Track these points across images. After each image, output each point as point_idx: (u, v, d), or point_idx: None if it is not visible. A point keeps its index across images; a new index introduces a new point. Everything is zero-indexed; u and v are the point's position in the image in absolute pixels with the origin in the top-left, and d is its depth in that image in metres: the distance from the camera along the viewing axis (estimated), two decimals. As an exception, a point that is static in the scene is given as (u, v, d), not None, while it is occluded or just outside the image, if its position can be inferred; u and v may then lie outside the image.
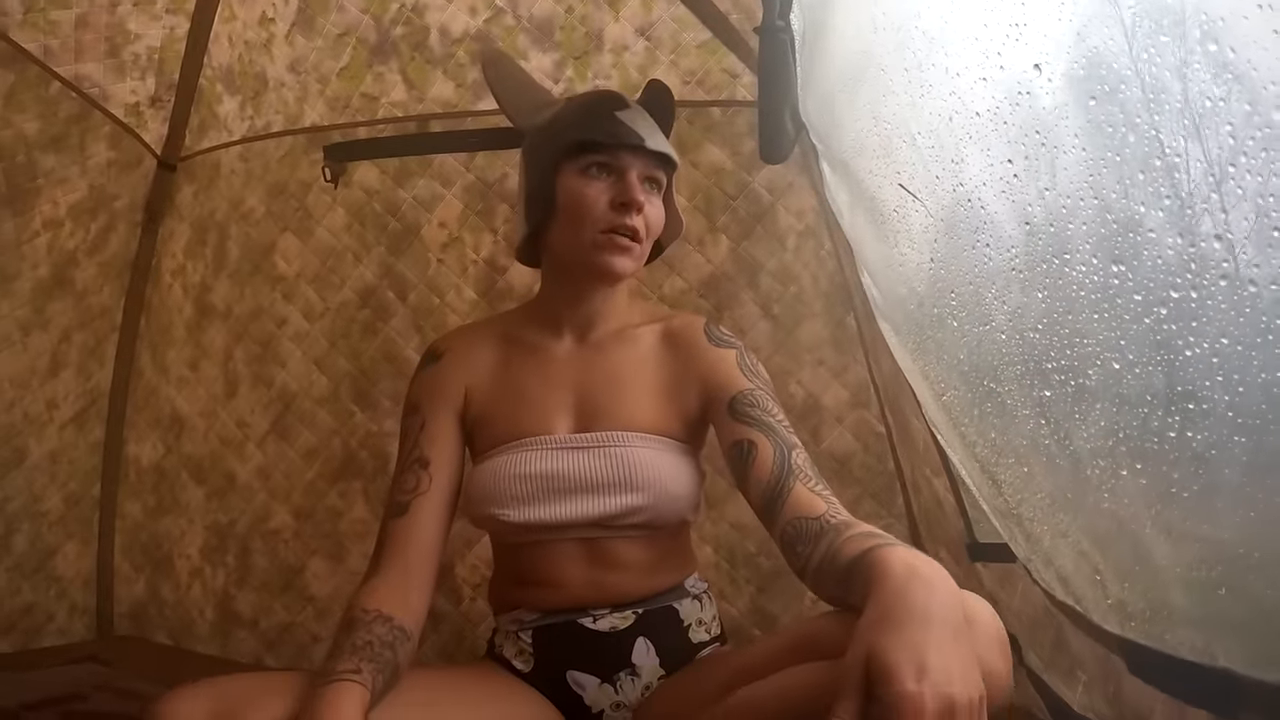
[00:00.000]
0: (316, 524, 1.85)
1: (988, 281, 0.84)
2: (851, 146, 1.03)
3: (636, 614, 1.09)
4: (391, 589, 1.01)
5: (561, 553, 1.09)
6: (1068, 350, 0.80)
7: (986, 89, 0.76)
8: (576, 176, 1.10)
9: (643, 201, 1.09)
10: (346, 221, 1.82)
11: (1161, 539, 0.77)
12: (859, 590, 0.77)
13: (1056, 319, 0.79)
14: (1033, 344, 0.83)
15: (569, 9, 1.65)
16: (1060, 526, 0.94)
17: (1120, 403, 0.76)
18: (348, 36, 1.72)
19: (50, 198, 1.73)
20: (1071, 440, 0.84)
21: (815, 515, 0.95)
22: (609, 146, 1.09)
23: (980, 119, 0.78)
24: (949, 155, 0.82)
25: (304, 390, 1.85)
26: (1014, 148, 0.78)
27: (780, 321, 1.73)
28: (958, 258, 0.87)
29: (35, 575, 1.80)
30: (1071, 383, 0.81)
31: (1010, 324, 0.85)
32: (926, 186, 0.86)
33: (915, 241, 0.95)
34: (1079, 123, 0.73)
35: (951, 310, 0.91)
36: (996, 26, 0.69)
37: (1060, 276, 0.76)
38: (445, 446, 1.14)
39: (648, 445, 1.10)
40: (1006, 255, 0.80)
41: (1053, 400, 0.84)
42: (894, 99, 0.87)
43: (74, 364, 1.86)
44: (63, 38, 1.62)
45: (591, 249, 1.09)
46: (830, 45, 1.03)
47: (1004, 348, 0.87)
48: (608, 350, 1.16)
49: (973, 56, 0.78)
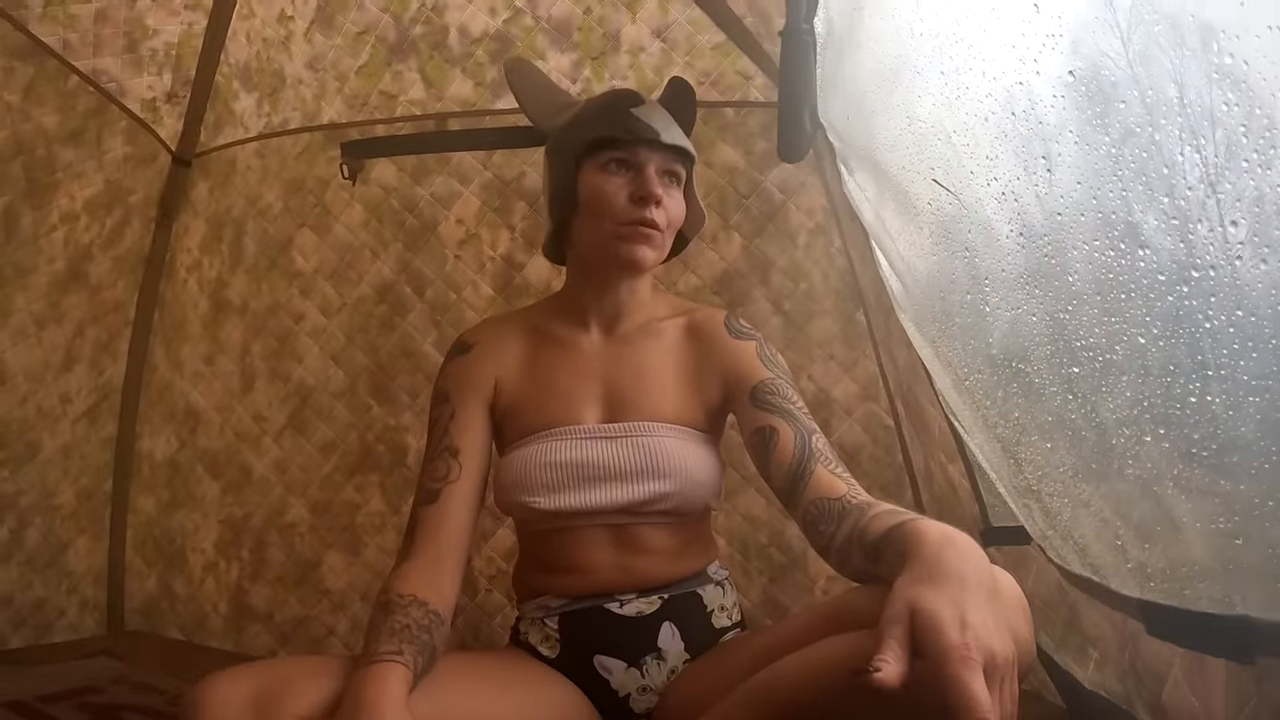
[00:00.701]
0: (333, 517, 1.86)
1: (1021, 269, 0.88)
2: (883, 144, 1.07)
3: (662, 599, 1.11)
4: (424, 574, 1.03)
5: (589, 539, 1.12)
6: (1096, 328, 0.84)
7: (1022, 91, 0.81)
8: (596, 173, 1.13)
9: (661, 194, 1.12)
10: (364, 218, 1.84)
11: (1182, 497, 0.82)
12: (891, 560, 0.79)
13: (1086, 300, 0.84)
14: (1063, 324, 0.87)
15: (587, 10, 1.69)
16: (1082, 497, 0.98)
17: (1145, 374, 0.81)
18: (367, 35, 1.75)
19: (68, 192, 1.74)
20: (1098, 412, 0.89)
21: (837, 496, 0.99)
22: (626, 142, 1.12)
23: (1015, 119, 0.83)
24: (984, 152, 0.86)
25: (321, 385, 1.86)
26: (1045, 146, 0.82)
27: (791, 317, 1.77)
28: (990, 247, 0.91)
29: (47, 570, 1.79)
30: (1100, 358, 0.85)
31: (1041, 307, 0.89)
32: (960, 181, 0.91)
33: (947, 233, 0.99)
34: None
35: (984, 297, 0.95)
36: (1034, 35, 0.73)
37: (1090, 261, 0.81)
38: (475, 435, 1.15)
39: (673, 434, 1.13)
40: (1039, 244, 0.84)
41: (1081, 376, 0.89)
42: (929, 99, 0.91)
43: (87, 358, 1.86)
44: (82, 31, 1.63)
45: (613, 240, 1.12)
46: (862, 49, 1.07)
47: (1034, 329, 0.91)
48: (634, 343, 1.20)
49: (1009, 62, 0.83)
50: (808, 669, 0.84)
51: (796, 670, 0.84)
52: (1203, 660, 0.87)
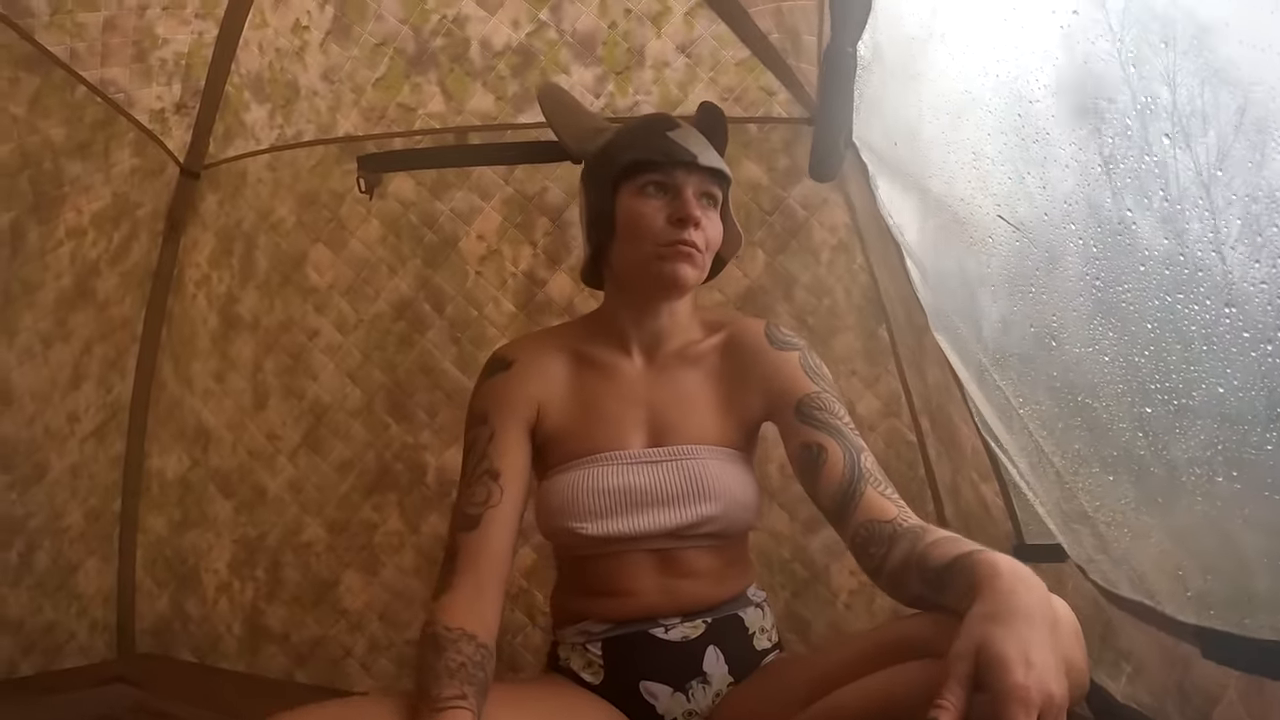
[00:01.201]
0: (350, 537, 1.83)
1: (1096, 308, 0.88)
2: (941, 174, 1.07)
3: (706, 623, 1.11)
4: (468, 604, 1.02)
5: (634, 563, 1.11)
6: (1173, 374, 0.85)
7: (1115, 145, 0.81)
8: (634, 196, 1.13)
9: (699, 216, 1.11)
10: (381, 233, 1.81)
11: (1250, 534, 0.83)
12: (959, 590, 0.79)
13: (1164, 348, 0.85)
14: (1138, 367, 0.88)
15: (612, 24, 1.67)
16: (1143, 528, 0.99)
17: (1221, 420, 0.82)
18: (385, 46, 1.71)
19: (75, 206, 1.69)
20: (1169, 450, 0.90)
21: (888, 519, 0.99)
22: (663, 165, 1.12)
23: (1098, 171, 0.83)
24: (1061, 197, 0.86)
25: (337, 403, 1.83)
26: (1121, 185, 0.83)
27: (815, 333, 1.77)
28: (1063, 287, 0.91)
29: (57, 593, 1.75)
30: (1174, 402, 0.86)
31: (1115, 348, 0.89)
32: (1032, 220, 0.91)
33: (1010, 268, 0.99)
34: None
35: (1052, 331, 0.96)
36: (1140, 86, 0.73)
37: (1172, 313, 0.81)
38: (515, 458, 1.13)
39: (716, 457, 1.13)
40: (1116, 291, 0.84)
41: (1154, 416, 0.90)
42: (1002, 139, 0.91)
43: (95, 376, 1.82)
44: (89, 41, 1.59)
45: (654, 261, 1.11)
46: (922, 79, 1.06)
47: (1106, 369, 0.91)
48: (674, 369, 1.19)
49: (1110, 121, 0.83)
50: (870, 699, 0.85)
51: (859, 700, 0.85)
52: (1261, 684, 0.88)
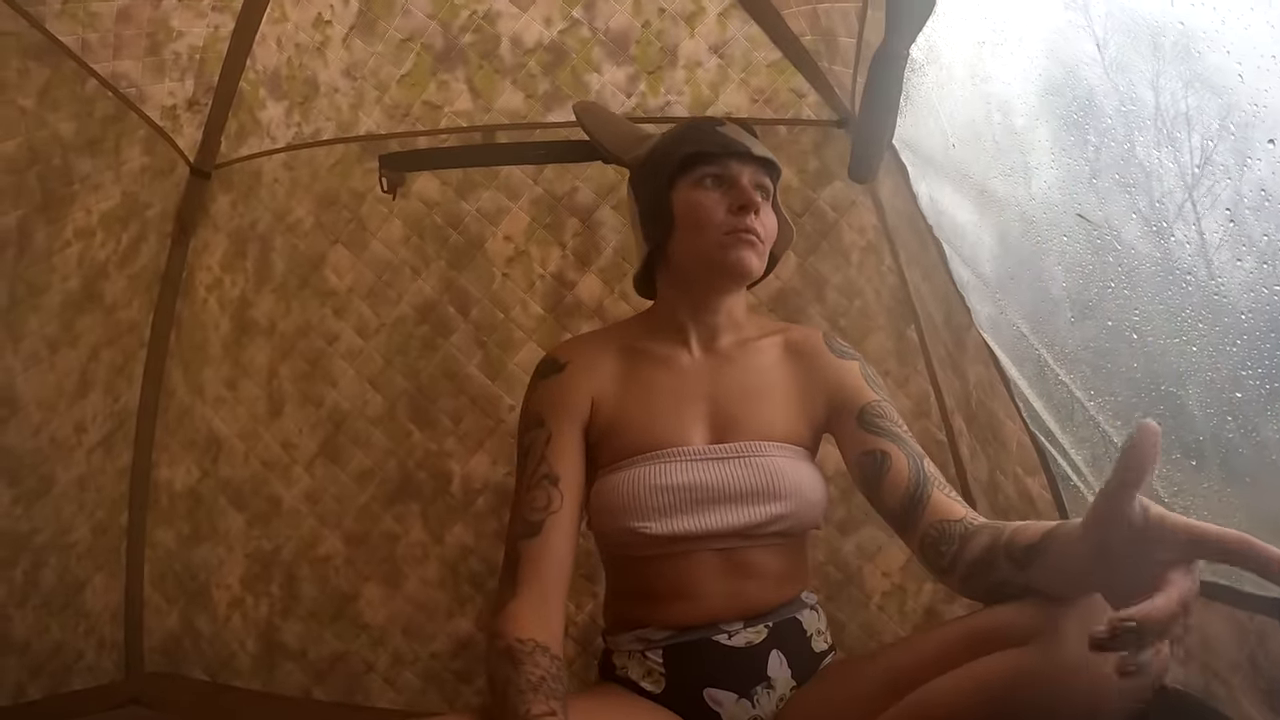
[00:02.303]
0: (371, 549, 1.77)
1: (1184, 300, 0.89)
2: (1012, 175, 1.08)
3: (768, 627, 1.09)
4: (535, 614, 0.99)
5: (698, 564, 1.09)
6: (1267, 360, 0.86)
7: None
8: (691, 189, 1.14)
9: (759, 202, 1.12)
10: (404, 234, 1.76)
11: None
12: (1061, 545, 0.79)
13: (1259, 335, 0.85)
14: (1229, 355, 0.89)
15: (646, 23, 1.65)
16: (1227, 510, 1.00)
17: None
18: (412, 42, 1.67)
19: (84, 205, 1.63)
20: (1260, 431, 0.91)
21: (957, 518, 1.00)
22: (719, 156, 1.13)
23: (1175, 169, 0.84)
24: (1147, 192, 0.87)
25: (357, 410, 1.78)
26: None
27: (847, 334, 1.75)
28: (1149, 281, 0.92)
29: (64, 612, 1.67)
30: (1267, 386, 0.87)
31: (1202, 337, 0.90)
32: (1118, 217, 0.91)
33: (1086, 264, 1.00)
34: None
35: (1134, 325, 0.96)
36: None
37: (1268, 303, 0.82)
38: (572, 461, 1.12)
39: (784, 453, 1.12)
40: (1212, 284, 0.85)
41: (1244, 400, 0.90)
42: (1073, 140, 0.91)
43: (102, 383, 1.74)
44: (102, 32, 1.53)
45: (718, 249, 1.12)
46: (991, 82, 1.07)
47: (1194, 358, 0.92)
48: (736, 360, 1.18)
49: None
50: (963, 692, 0.83)
51: (951, 694, 0.84)
52: None
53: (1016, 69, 1.12)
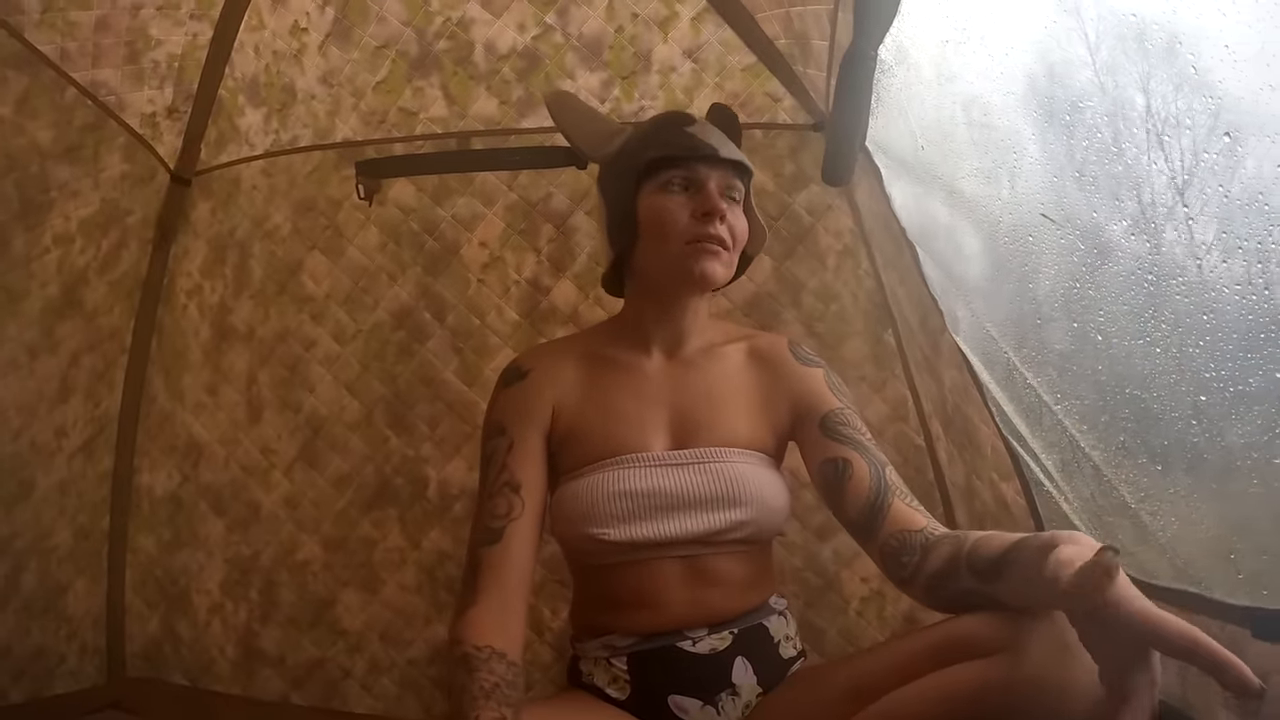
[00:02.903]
0: (348, 554, 1.78)
1: (1147, 302, 0.88)
2: (978, 176, 1.06)
3: (733, 634, 1.08)
4: (494, 620, 0.99)
5: (659, 572, 1.08)
6: (1228, 362, 0.85)
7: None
8: (656, 194, 1.11)
9: (724, 209, 1.09)
10: (380, 240, 1.77)
11: None
12: (1023, 565, 0.78)
13: (1221, 336, 0.84)
14: (1192, 357, 0.88)
15: (619, 29, 1.65)
16: (1194, 516, 0.99)
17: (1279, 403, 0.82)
18: (387, 49, 1.68)
19: (62, 212, 1.64)
20: (1225, 436, 0.90)
21: (918, 528, 0.99)
22: (684, 159, 1.10)
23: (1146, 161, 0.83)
24: (1107, 190, 0.86)
25: (334, 415, 1.78)
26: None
27: (824, 339, 1.75)
28: (1112, 282, 0.90)
29: (44, 616, 1.68)
30: (1231, 389, 0.86)
31: (1167, 339, 0.89)
32: (1081, 217, 0.90)
33: (1054, 264, 0.99)
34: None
35: (1098, 326, 0.95)
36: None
37: (1229, 303, 0.81)
38: (534, 468, 1.11)
39: (746, 460, 1.11)
40: (1174, 283, 0.83)
41: (1209, 404, 0.89)
42: (1044, 138, 0.90)
43: (83, 389, 1.75)
44: (81, 41, 1.54)
45: (681, 259, 1.09)
46: (956, 81, 1.06)
47: (1158, 360, 0.91)
48: (699, 366, 1.17)
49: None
50: (928, 701, 0.83)
51: (916, 704, 0.83)
52: None
53: (981, 67, 1.11)
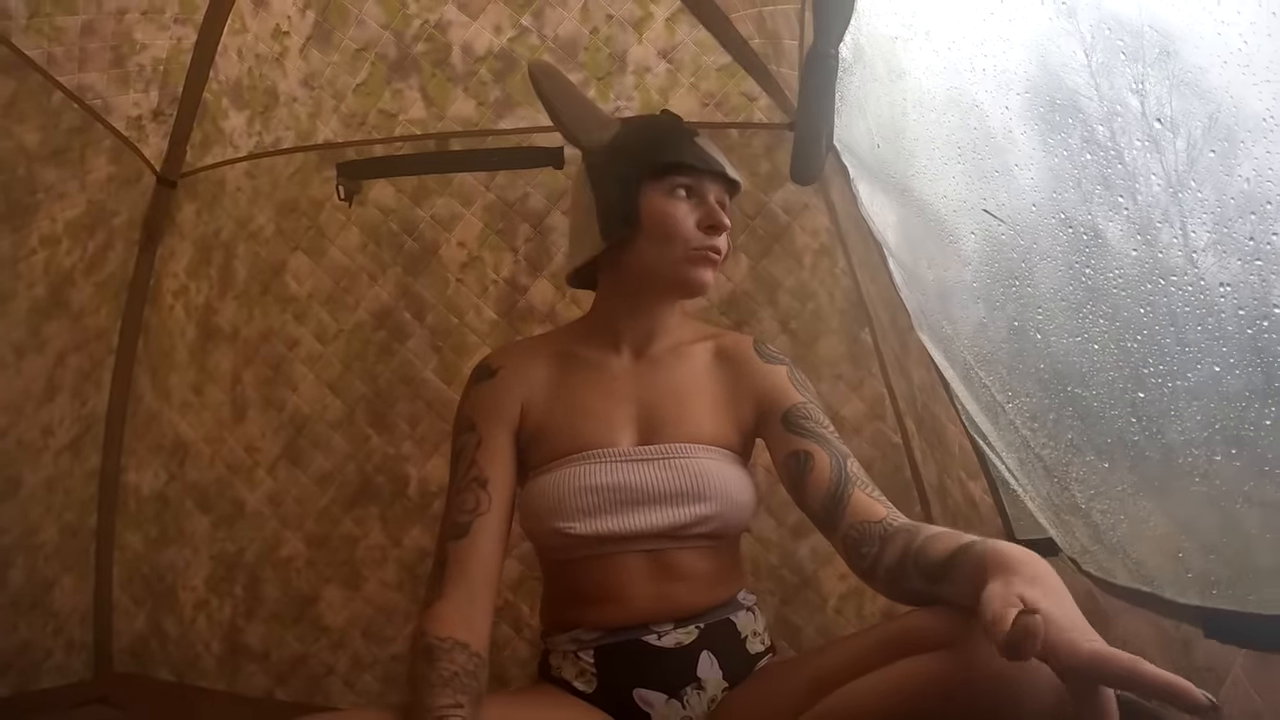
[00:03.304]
0: (331, 551, 1.80)
1: (1085, 296, 0.88)
2: (925, 173, 1.07)
3: (699, 628, 1.09)
4: (459, 613, 1.01)
5: (626, 566, 1.09)
6: (1167, 357, 0.85)
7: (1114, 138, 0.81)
8: (663, 197, 1.13)
9: (728, 224, 1.14)
10: (361, 241, 1.79)
11: (1252, 511, 0.83)
12: (963, 577, 0.80)
13: (1158, 331, 0.84)
14: (1130, 352, 0.88)
15: (594, 30, 1.66)
16: (1141, 514, 0.99)
17: (1219, 399, 0.82)
18: (366, 52, 1.70)
19: (49, 213, 1.66)
20: (1165, 434, 0.90)
21: (877, 519, 1.00)
22: (696, 170, 1.14)
23: (1093, 159, 0.83)
24: (1048, 186, 0.86)
25: (317, 414, 1.80)
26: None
27: (799, 337, 1.76)
28: (1050, 278, 0.91)
29: (32, 611, 1.71)
30: (1169, 384, 0.86)
31: (1106, 335, 0.89)
32: (1019, 214, 0.91)
33: (994, 261, 0.99)
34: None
35: (1037, 324, 0.96)
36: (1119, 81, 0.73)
37: (1163, 294, 0.81)
38: (502, 464, 1.13)
39: (711, 455, 1.12)
40: (1109, 276, 0.84)
41: (1148, 400, 0.90)
42: (987, 135, 0.91)
43: (69, 388, 1.78)
44: (67, 45, 1.56)
45: (683, 264, 1.13)
46: (905, 78, 1.07)
47: (1097, 357, 0.91)
48: (666, 364, 1.19)
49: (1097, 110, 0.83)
50: (882, 694, 0.83)
51: (870, 696, 0.84)
52: (1266, 659, 0.88)
53: (927, 63, 1.12)
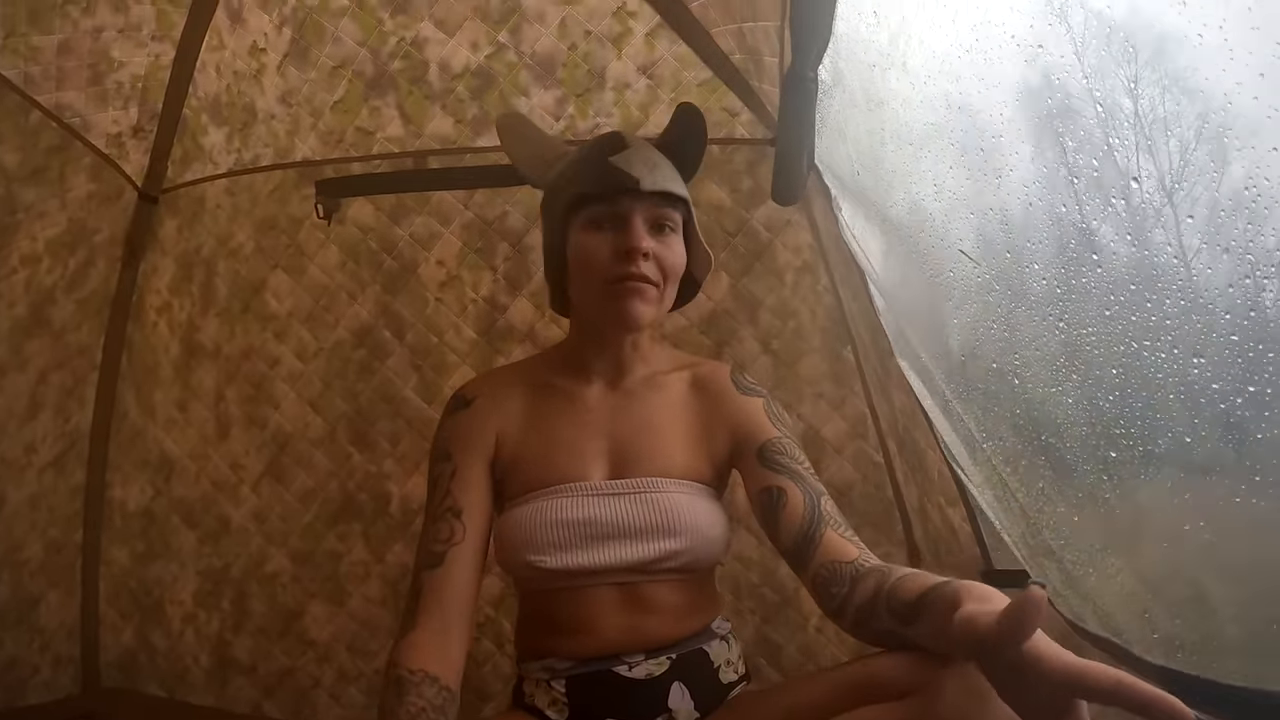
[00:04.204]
0: (315, 567, 1.81)
1: (1061, 350, 0.87)
2: (904, 205, 1.06)
3: (670, 659, 1.09)
4: (432, 644, 1.01)
5: (597, 598, 1.09)
6: (1139, 421, 0.84)
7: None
8: (581, 231, 1.10)
9: (645, 247, 1.07)
10: (340, 259, 1.78)
11: (1220, 582, 0.83)
12: (934, 615, 0.79)
13: (1130, 394, 0.84)
14: (1103, 411, 0.87)
15: (572, 46, 1.64)
16: (1109, 570, 0.99)
17: (1189, 469, 0.81)
18: (343, 69, 1.68)
19: (29, 233, 1.67)
20: (1135, 496, 0.90)
21: (849, 559, 0.99)
22: (606, 196, 1.09)
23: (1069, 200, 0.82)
24: (1016, 224, 0.85)
25: (299, 432, 1.81)
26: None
27: (780, 356, 1.75)
28: (1026, 326, 0.90)
29: (18, 627, 1.73)
30: (1140, 448, 0.86)
31: (1079, 391, 0.88)
32: (994, 257, 0.89)
33: (974, 302, 0.98)
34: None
35: (1015, 369, 0.95)
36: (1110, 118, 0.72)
37: (1137, 359, 0.80)
38: (477, 494, 1.12)
39: (682, 490, 1.11)
40: (1083, 332, 0.83)
41: (1120, 461, 0.89)
42: (962, 172, 0.90)
43: (52, 405, 1.79)
44: (44, 65, 1.56)
45: (603, 299, 1.09)
46: (884, 107, 1.05)
47: (1070, 411, 0.90)
48: (639, 397, 1.17)
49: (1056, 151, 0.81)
50: None
51: None
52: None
53: (903, 94, 1.10)
